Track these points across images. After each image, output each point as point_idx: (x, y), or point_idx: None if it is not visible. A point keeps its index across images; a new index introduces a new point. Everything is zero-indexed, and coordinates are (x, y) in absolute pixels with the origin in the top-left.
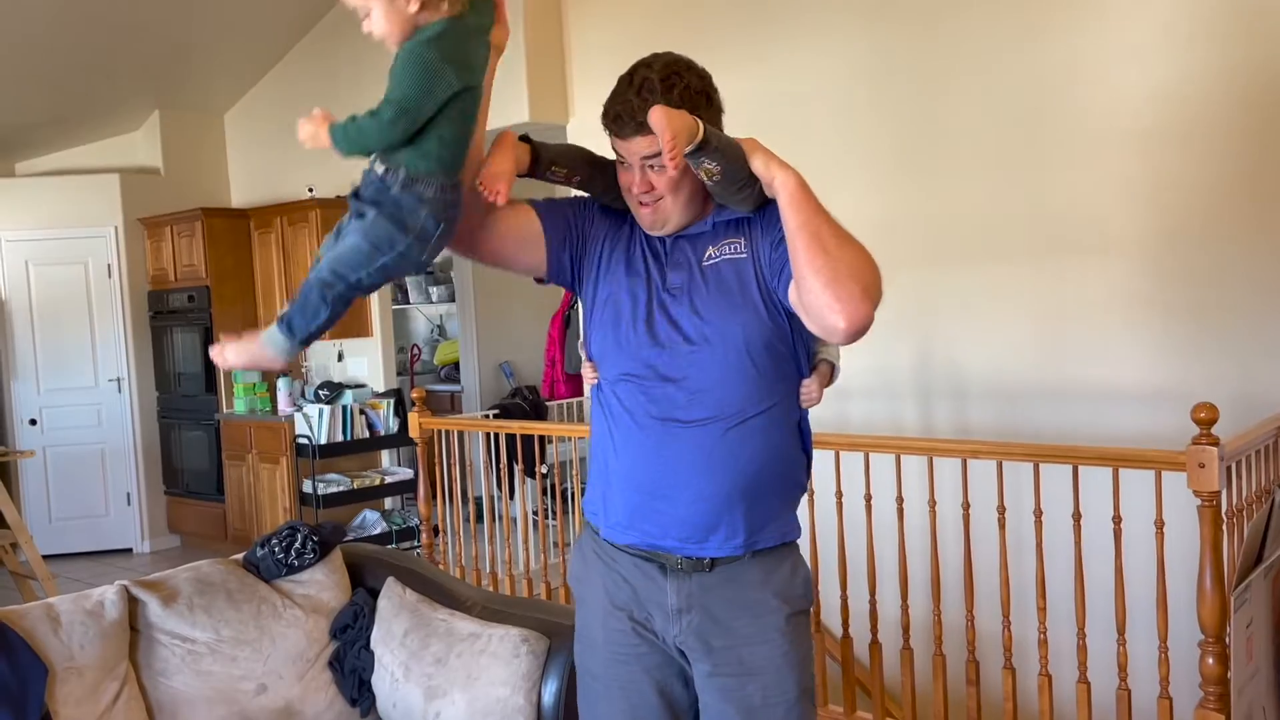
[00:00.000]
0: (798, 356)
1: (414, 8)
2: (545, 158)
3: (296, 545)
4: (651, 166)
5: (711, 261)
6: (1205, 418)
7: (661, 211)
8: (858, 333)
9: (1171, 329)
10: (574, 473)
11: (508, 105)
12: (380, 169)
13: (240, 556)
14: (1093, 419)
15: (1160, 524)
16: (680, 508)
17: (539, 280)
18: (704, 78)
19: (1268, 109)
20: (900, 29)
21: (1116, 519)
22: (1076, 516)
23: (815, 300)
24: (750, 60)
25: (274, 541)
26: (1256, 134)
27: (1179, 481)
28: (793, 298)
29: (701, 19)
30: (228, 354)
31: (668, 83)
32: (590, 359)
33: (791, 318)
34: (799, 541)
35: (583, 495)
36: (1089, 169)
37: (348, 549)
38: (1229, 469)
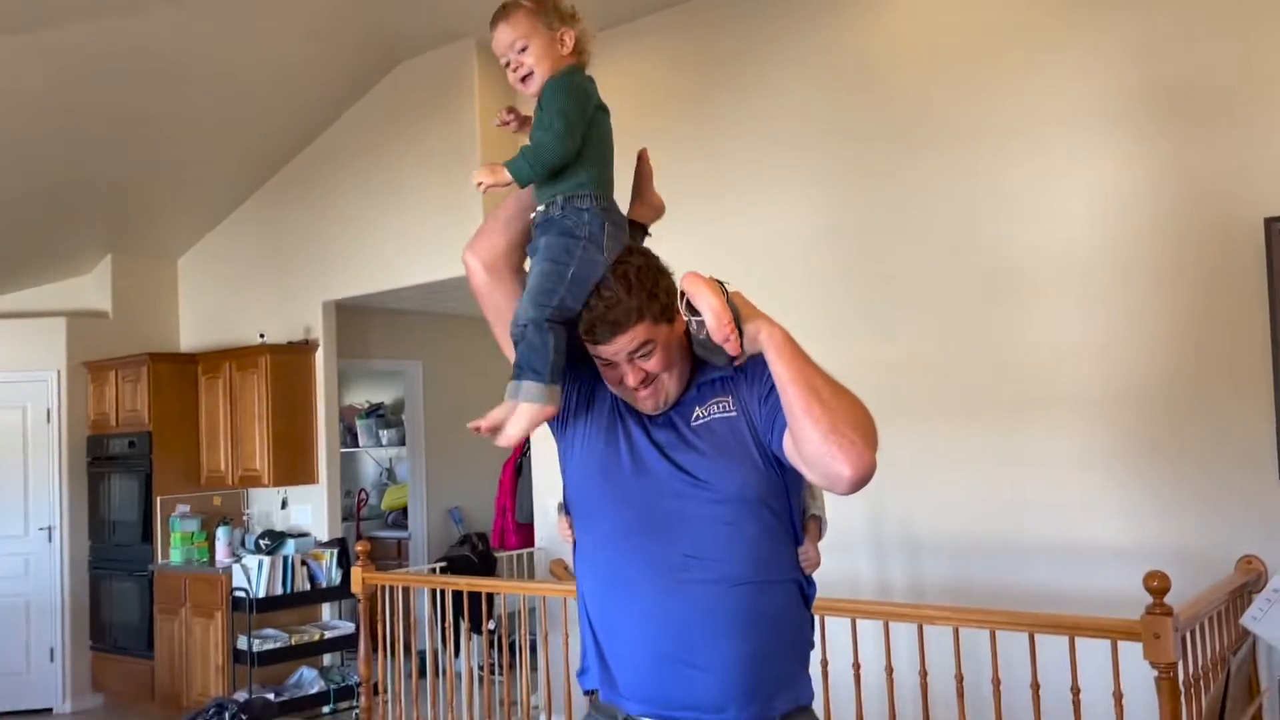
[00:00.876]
0: (793, 513)
1: (567, 49)
2: None
3: None
4: (639, 355)
5: (702, 421)
6: (1158, 586)
7: (661, 391)
8: (863, 480)
9: (1124, 485)
10: (522, 625)
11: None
12: (542, 209)
13: None
14: (1049, 577)
15: (1119, 695)
16: (697, 673)
17: None
18: (646, 253)
19: (1216, 268)
20: (852, 183)
21: (1075, 689)
22: (1035, 686)
23: (816, 451)
24: (700, 219)
25: None
26: (1206, 295)
27: (1137, 649)
28: (788, 450)
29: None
30: (509, 429)
31: (623, 275)
32: (567, 513)
33: (786, 472)
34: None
35: (532, 649)
36: (1042, 324)
37: None
38: (1184, 638)
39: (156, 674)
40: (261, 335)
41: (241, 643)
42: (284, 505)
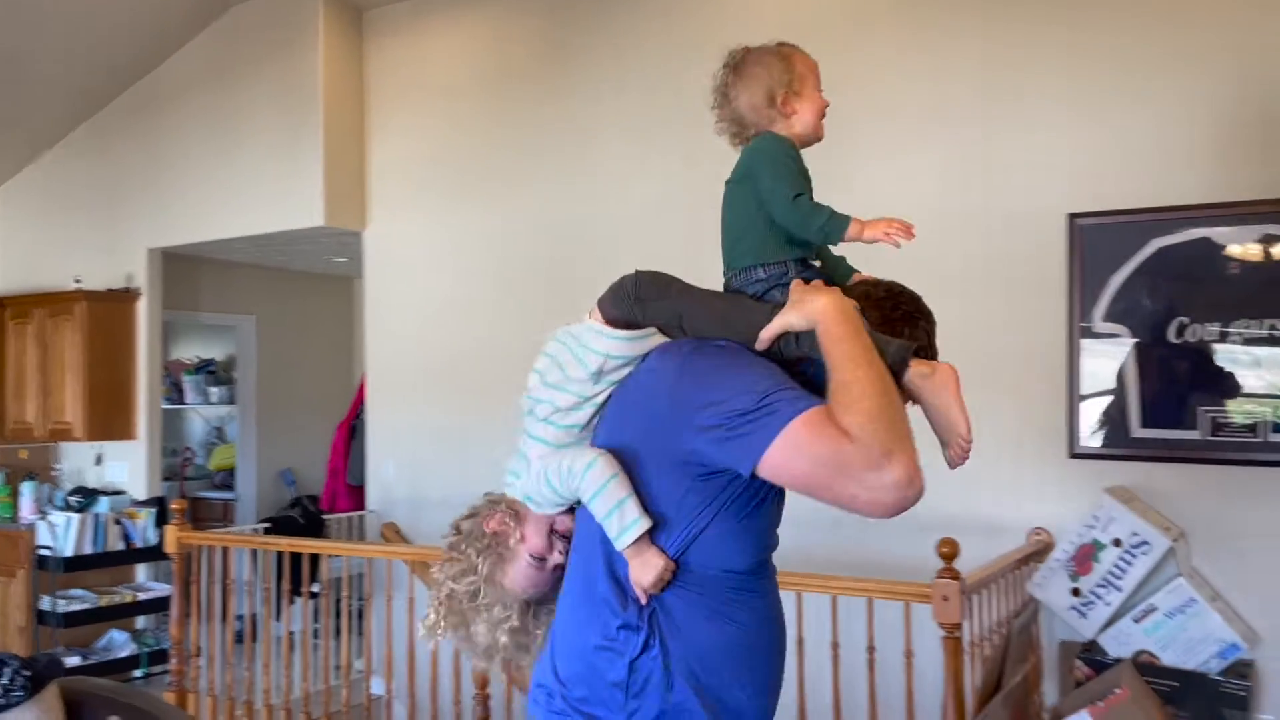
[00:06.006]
0: None
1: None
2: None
3: (4, 681)
4: None
5: None
6: (948, 552)
7: None
8: None
9: (933, 460)
10: (345, 588)
11: (302, 208)
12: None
13: None
14: (865, 544)
15: (909, 654)
16: None
17: None
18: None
19: (1023, 259)
20: (675, 171)
21: (870, 648)
22: (834, 645)
23: None
24: (549, 179)
25: None
26: (1013, 284)
27: (928, 611)
28: None
29: (497, 140)
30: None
31: None
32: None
33: None
34: None
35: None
36: None
37: (66, 684)
38: (971, 600)
39: None
40: (77, 280)
41: (45, 604)
42: (99, 461)
